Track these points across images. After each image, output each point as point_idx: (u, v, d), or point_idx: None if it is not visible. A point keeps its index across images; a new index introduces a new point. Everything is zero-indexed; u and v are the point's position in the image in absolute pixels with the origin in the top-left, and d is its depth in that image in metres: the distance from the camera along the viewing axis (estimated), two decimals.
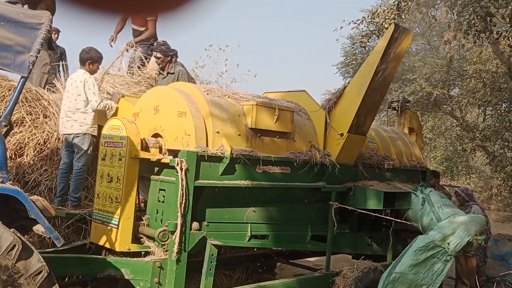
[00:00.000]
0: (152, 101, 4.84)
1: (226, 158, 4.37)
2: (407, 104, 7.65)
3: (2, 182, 3.04)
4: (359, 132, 5.38)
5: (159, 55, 6.02)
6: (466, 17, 8.16)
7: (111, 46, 7.12)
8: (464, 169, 20.11)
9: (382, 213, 5.68)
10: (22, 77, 3.18)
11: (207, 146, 4.37)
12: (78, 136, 5.00)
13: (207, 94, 4.71)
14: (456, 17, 8.25)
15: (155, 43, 6.21)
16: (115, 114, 5.27)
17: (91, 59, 5.16)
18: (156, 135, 4.68)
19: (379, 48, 5.18)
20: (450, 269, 5.44)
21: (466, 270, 6.64)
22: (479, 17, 8.19)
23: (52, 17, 6.30)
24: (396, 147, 6.52)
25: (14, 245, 2.88)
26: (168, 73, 6.10)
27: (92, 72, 5.21)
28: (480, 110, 17.63)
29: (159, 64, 6.09)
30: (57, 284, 3.07)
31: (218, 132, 4.45)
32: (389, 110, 8.01)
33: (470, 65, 15.32)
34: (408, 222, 5.68)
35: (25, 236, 3.17)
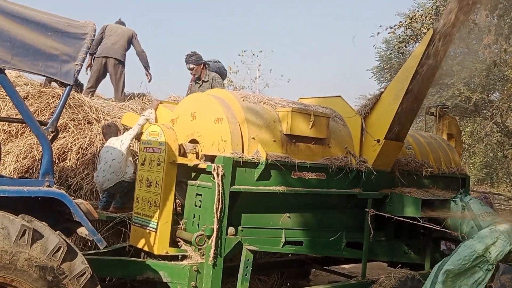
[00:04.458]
0: (190, 107, 4.94)
1: (262, 164, 4.41)
2: (446, 109, 7.49)
3: (49, 185, 3.16)
4: (396, 138, 5.30)
5: (192, 65, 6.19)
6: (507, 21, 7.95)
7: None
8: (504, 176, 19.44)
9: (420, 220, 5.57)
10: (67, 85, 3.30)
11: (242, 152, 4.42)
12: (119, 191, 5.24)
13: (243, 100, 4.76)
14: (496, 21, 8.03)
15: (185, 56, 6.38)
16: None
17: (118, 129, 5.63)
18: (193, 141, 4.76)
19: (417, 53, 5.11)
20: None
21: None
22: None
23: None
24: (434, 153, 6.39)
25: (60, 247, 2.98)
26: (203, 81, 6.25)
27: None
28: None
29: (194, 75, 6.26)
30: (99, 286, 3.16)
31: (253, 138, 4.49)
32: (426, 115, 7.86)
33: (511, 70, 14.84)
34: (447, 230, 5.56)
35: (69, 238, 3.28)
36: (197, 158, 4.62)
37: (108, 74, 7.18)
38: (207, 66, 6.49)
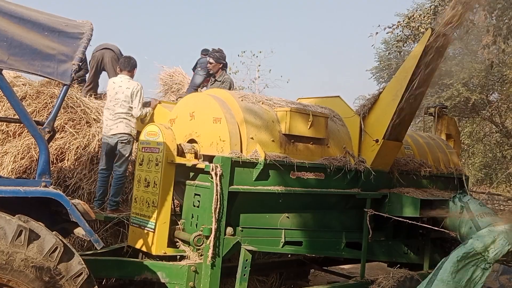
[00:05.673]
0: (188, 107, 4.93)
1: (260, 164, 4.40)
2: (445, 109, 7.49)
3: (46, 186, 3.14)
4: (395, 138, 5.30)
5: (211, 60, 6.23)
6: (506, 22, 7.95)
7: None
8: (504, 176, 19.43)
9: (419, 221, 5.56)
10: (64, 85, 3.28)
11: (241, 152, 4.41)
12: (122, 142, 5.14)
13: (242, 100, 4.75)
14: (495, 21, 8.02)
15: (211, 49, 6.40)
16: (151, 120, 5.40)
17: (135, 66, 5.43)
18: (191, 141, 4.75)
19: (416, 53, 5.10)
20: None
21: None
22: None
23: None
24: (433, 153, 6.39)
25: (56, 247, 2.97)
26: (215, 80, 6.26)
27: (133, 77, 5.46)
28: None
29: (210, 70, 6.29)
30: (96, 286, 3.15)
31: (252, 138, 4.48)
32: (425, 116, 7.86)
33: (510, 70, 14.84)
34: (445, 231, 5.55)
35: (66, 239, 3.26)
36: (196, 158, 4.61)
37: (105, 73, 7.07)
38: (225, 69, 6.54)
